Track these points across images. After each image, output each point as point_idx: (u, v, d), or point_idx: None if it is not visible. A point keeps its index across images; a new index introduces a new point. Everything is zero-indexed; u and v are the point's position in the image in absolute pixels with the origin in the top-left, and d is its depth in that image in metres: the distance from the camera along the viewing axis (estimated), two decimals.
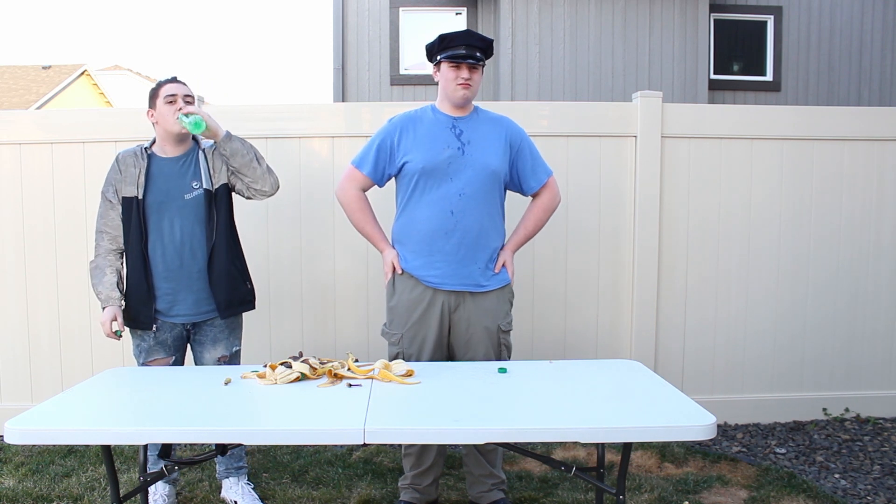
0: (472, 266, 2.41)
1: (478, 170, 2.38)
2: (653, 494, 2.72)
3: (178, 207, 2.46)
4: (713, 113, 3.59)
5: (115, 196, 2.48)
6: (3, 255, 3.43)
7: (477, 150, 2.40)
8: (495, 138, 2.44)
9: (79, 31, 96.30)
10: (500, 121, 2.50)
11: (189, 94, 2.50)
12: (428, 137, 2.41)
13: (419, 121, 2.46)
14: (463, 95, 2.38)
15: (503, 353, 2.49)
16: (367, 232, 2.53)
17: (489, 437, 1.69)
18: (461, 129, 2.42)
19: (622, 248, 3.52)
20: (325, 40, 10.32)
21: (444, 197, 2.37)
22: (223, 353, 2.57)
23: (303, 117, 3.44)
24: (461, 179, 2.37)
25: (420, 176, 2.39)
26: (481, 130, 2.44)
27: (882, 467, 3.04)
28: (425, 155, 2.38)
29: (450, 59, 2.36)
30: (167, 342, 2.51)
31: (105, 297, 2.47)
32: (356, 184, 2.50)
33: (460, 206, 2.37)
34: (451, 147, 2.38)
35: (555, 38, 7.73)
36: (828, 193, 3.57)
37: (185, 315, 2.50)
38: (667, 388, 2.00)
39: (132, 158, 2.49)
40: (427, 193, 2.40)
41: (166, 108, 2.44)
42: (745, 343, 3.59)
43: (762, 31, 8.60)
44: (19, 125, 3.44)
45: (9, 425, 1.68)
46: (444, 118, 2.44)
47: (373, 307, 3.45)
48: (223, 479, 2.72)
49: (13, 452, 3.17)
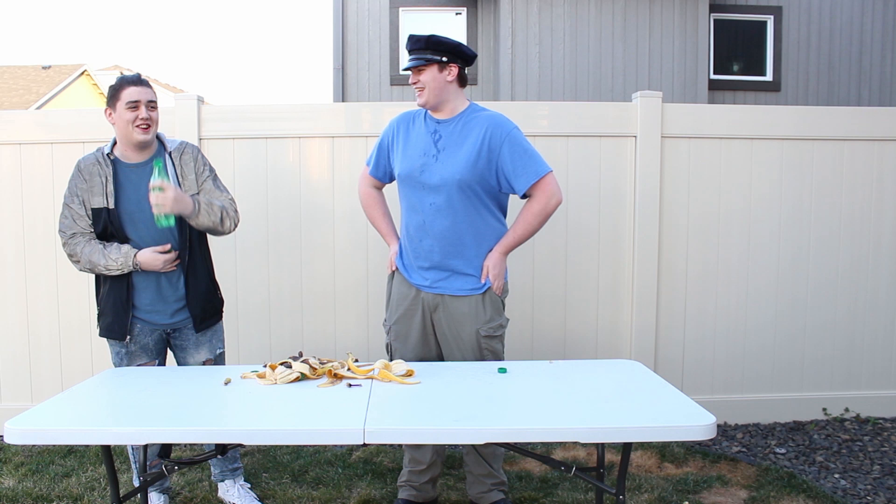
0: (446, 271, 2.40)
1: (446, 178, 2.32)
2: (653, 494, 2.73)
3: (149, 216, 2.29)
4: (713, 113, 3.59)
5: (81, 206, 2.36)
6: (3, 255, 3.43)
7: (449, 157, 2.33)
8: (471, 142, 2.33)
9: (79, 31, 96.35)
10: (485, 120, 2.36)
11: (152, 99, 2.33)
12: (411, 143, 2.42)
13: (412, 123, 2.46)
14: (422, 103, 2.37)
15: (487, 357, 2.43)
16: (377, 226, 2.65)
17: (489, 437, 1.69)
18: (441, 133, 2.37)
19: (622, 248, 3.52)
20: (325, 40, 10.32)
21: (417, 204, 2.39)
22: (207, 356, 2.53)
23: (303, 117, 3.44)
24: (431, 187, 2.35)
25: (400, 181, 2.45)
26: (460, 135, 2.35)
27: (882, 467, 3.04)
28: (403, 162, 2.41)
29: (408, 70, 2.38)
30: (149, 346, 2.47)
31: (125, 254, 2.31)
32: (367, 181, 2.61)
33: (431, 214, 2.36)
34: (427, 154, 2.36)
35: (555, 38, 7.72)
36: (827, 193, 3.57)
37: (163, 324, 2.46)
38: (667, 388, 2.00)
39: (95, 167, 2.36)
40: (406, 199, 2.45)
41: (127, 114, 2.28)
42: (745, 343, 3.59)
43: (762, 31, 8.60)
44: (19, 125, 3.44)
45: (9, 425, 1.68)
46: (430, 122, 2.41)
47: (373, 307, 3.44)
48: (219, 481, 2.71)
49: (13, 452, 3.17)
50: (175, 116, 3.30)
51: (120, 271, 2.34)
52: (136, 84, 2.32)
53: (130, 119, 2.29)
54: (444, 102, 2.37)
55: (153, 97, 2.35)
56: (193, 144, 2.54)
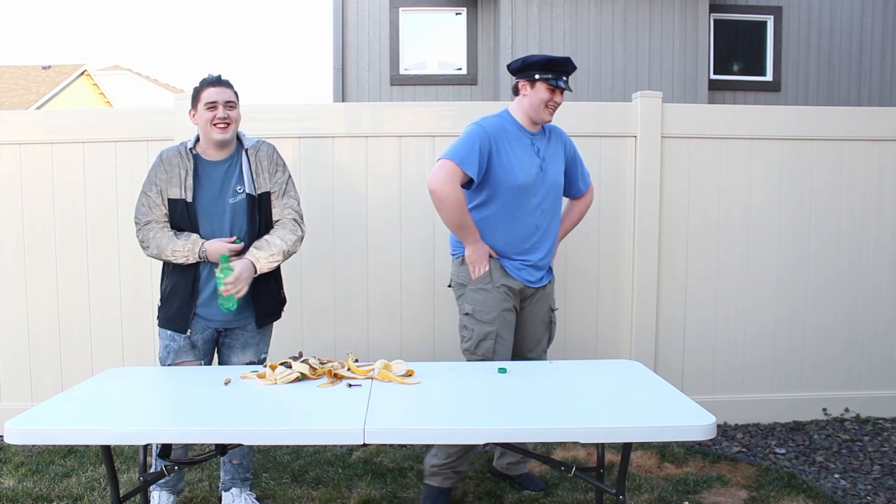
0: (545, 269, 2.70)
1: (553, 186, 2.62)
2: (653, 494, 2.73)
3: (223, 211, 2.41)
4: (713, 113, 3.59)
5: (158, 196, 2.41)
6: (3, 255, 3.43)
7: (551, 167, 2.61)
8: (559, 153, 2.66)
9: (79, 31, 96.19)
10: (558, 133, 2.70)
11: (231, 99, 2.41)
12: (519, 154, 2.54)
13: (507, 132, 2.55)
14: (548, 120, 2.59)
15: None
16: (467, 224, 2.52)
17: (489, 437, 1.69)
18: (538, 146, 2.60)
19: (622, 248, 3.52)
20: (325, 40, 10.33)
21: (530, 212, 2.56)
22: (252, 358, 2.53)
23: (303, 117, 3.44)
24: (540, 194, 2.57)
25: (512, 190, 2.52)
26: (551, 146, 2.64)
27: (882, 467, 3.04)
28: (521, 173, 2.52)
29: (550, 83, 2.51)
30: (197, 344, 2.47)
31: (193, 241, 2.36)
32: (458, 179, 2.46)
33: (543, 220, 2.61)
34: (536, 165, 2.56)
35: (555, 38, 7.73)
36: (828, 194, 3.57)
37: (220, 320, 2.46)
38: (667, 388, 2.00)
39: (177, 159, 2.42)
40: (515, 207, 2.55)
41: (207, 114, 2.37)
42: (745, 343, 3.59)
43: (762, 31, 8.60)
44: (19, 125, 3.44)
45: (9, 425, 1.68)
46: (526, 135, 2.58)
47: (373, 307, 3.45)
48: (225, 490, 2.65)
49: (13, 452, 3.17)
50: (175, 116, 3.30)
51: (185, 259, 2.38)
52: (214, 85, 2.41)
53: (209, 119, 2.37)
54: None
55: (231, 97, 2.42)
56: (269, 143, 2.57)
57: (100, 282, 3.41)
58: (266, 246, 2.42)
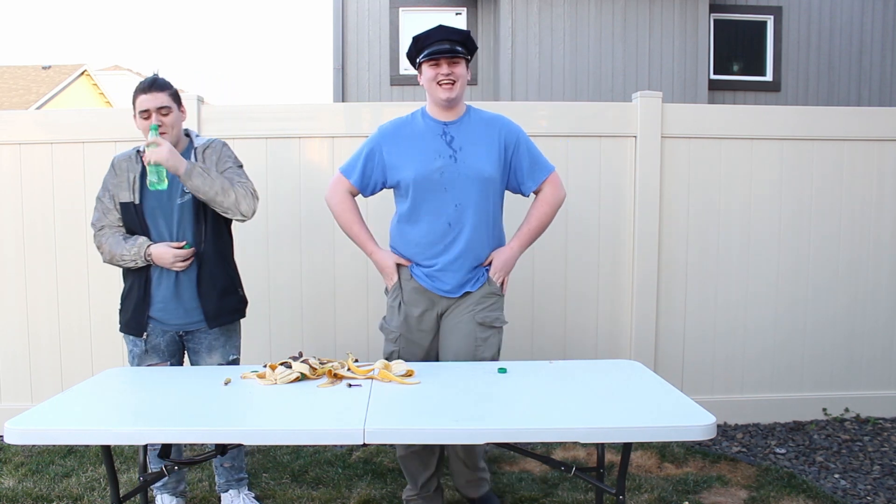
0: (470, 273, 2.39)
1: (473, 178, 2.32)
2: (653, 494, 2.73)
3: (170, 212, 2.39)
4: (713, 113, 3.59)
5: (111, 201, 2.42)
6: (4, 256, 3.43)
7: (469, 157, 2.32)
8: (488, 142, 2.35)
9: (79, 31, 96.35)
10: (494, 121, 2.40)
11: (164, 104, 2.32)
12: (418, 147, 2.34)
13: (408, 128, 2.40)
14: (447, 97, 2.30)
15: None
16: (354, 232, 2.48)
17: (489, 437, 1.69)
18: (452, 134, 2.35)
19: (622, 249, 3.52)
20: (325, 40, 10.32)
21: (441, 209, 2.33)
22: (219, 361, 2.51)
23: (303, 117, 3.44)
24: (455, 188, 2.32)
25: (414, 188, 2.34)
26: (474, 134, 2.36)
27: (882, 467, 3.04)
28: (416, 166, 2.32)
29: (428, 58, 2.30)
30: (160, 347, 2.46)
31: (139, 245, 2.34)
32: (344, 187, 2.46)
33: (460, 217, 2.33)
34: (443, 156, 2.32)
35: (555, 38, 7.73)
36: (828, 193, 3.57)
37: (176, 324, 2.44)
38: (666, 388, 2.00)
39: (126, 163, 2.43)
40: (423, 204, 2.35)
41: (142, 123, 2.33)
42: (745, 343, 3.59)
43: (762, 31, 8.60)
44: (19, 125, 3.44)
45: (9, 425, 1.68)
46: (434, 124, 2.37)
47: (373, 307, 3.44)
48: (223, 492, 2.65)
49: (13, 452, 3.17)
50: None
51: (135, 263, 2.37)
52: (146, 91, 2.33)
53: (144, 128, 2.34)
54: (459, 101, 2.37)
55: (165, 102, 2.33)
56: (221, 141, 2.54)
57: (100, 282, 3.40)
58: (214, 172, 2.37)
